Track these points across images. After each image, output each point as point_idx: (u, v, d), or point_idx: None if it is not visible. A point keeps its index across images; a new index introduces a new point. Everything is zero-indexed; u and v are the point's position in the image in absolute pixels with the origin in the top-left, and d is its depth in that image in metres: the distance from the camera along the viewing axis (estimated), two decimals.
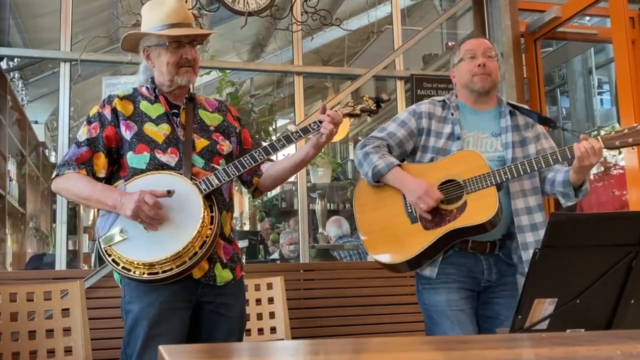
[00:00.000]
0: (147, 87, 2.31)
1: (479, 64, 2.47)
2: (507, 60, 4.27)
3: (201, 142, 2.26)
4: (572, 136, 6.01)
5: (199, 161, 2.23)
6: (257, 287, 3.43)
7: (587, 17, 5.54)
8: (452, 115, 2.51)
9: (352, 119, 2.43)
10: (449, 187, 2.39)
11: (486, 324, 2.45)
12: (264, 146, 2.23)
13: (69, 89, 3.78)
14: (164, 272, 2.05)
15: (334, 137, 2.23)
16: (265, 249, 6.29)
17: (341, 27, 4.25)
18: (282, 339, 3.34)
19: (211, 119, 2.36)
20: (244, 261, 3.02)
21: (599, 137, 2.24)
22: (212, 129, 2.33)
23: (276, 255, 6.04)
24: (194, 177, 2.17)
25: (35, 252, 6.26)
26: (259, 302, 3.42)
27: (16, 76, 5.66)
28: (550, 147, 2.51)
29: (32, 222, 6.28)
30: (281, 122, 8.08)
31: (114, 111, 2.22)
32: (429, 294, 2.46)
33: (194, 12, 3.80)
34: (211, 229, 2.12)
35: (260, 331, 3.38)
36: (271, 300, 3.44)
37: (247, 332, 3.25)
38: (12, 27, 4.57)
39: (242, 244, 4.98)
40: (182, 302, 2.14)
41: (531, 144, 2.49)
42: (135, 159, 2.18)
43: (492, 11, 4.47)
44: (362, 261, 4.97)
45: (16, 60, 5.28)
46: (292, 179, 3.79)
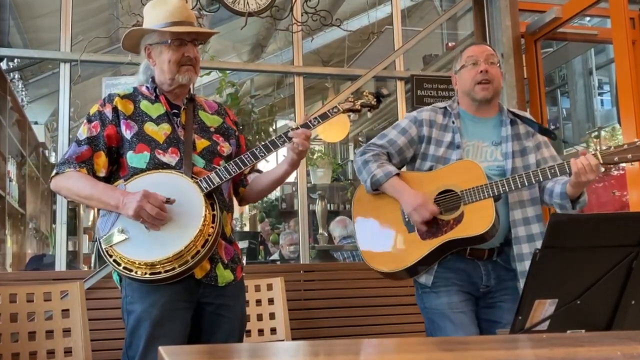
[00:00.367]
0: (147, 87, 2.31)
1: (481, 70, 2.46)
2: (507, 60, 4.27)
3: (202, 143, 2.26)
4: (572, 146, 6.01)
5: (200, 161, 2.22)
6: (257, 288, 3.43)
7: (588, 18, 5.54)
8: (453, 123, 2.50)
9: (353, 117, 2.44)
10: (446, 197, 2.38)
11: (489, 328, 2.44)
12: (264, 143, 2.22)
13: (69, 90, 3.77)
14: (166, 271, 2.04)
15: (331, 139, 2.24)
16: (265, 250, 6.29)
17: (341, 27, 4.25)
18: (282, 340, 3.34)
19: (211, 120, 2.35)
20: (244, 262, 3.02)
21: (597, 153, 2.21)
22: (212, 130, 2.32)
23: (276, 256, 6.04)
24: (194, 176, 2.16)
25: (35, 252, 6.26)
26: (259, 302, 3.42)
27: (16, 77, 5.66)
28: (550, 156, 2.50)
29: (32, 223, 6.28)
30: (281, 123, 8.08)
31: (114, 110, 2.21)
32: (429, 298, 2.46)
33: (194, 13, 3.80)
34: (213, 227, 2.11)
35: (260, 332, 3.38)
36: (271, 301, 3.44)
37: (247, 332, 3.25)
38: (12, 27, 4.56)
39: (242, 244, 4.98)
40: (183, 303, 2.13)
41: (531, 153, 2.48)
42: (135, 159, 2.17)
43: (492, 12, 4.47)
44: (362, 262, 4.97)
45: (16, 60, 5.28)
46: (292, 180, 3.80)
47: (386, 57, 4.31)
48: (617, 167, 4.67)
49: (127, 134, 2.19)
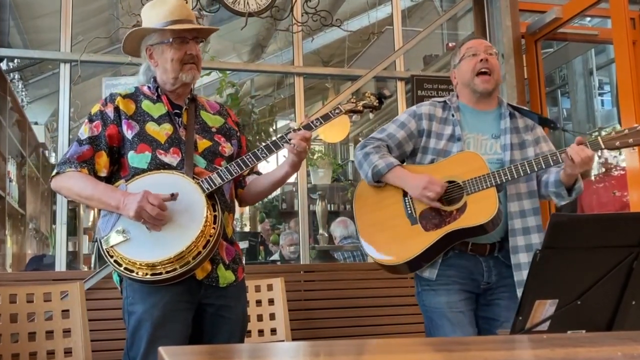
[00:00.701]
0: (149, 87, 2.30)
1: (481, 59, 2.48)
2: (507, 61, 4.27)
3: (203, 143, 2.25)
4: (573, 137, 6.01)
5: (201, 162, 2.22)
6: (258, 289, 3.43)
7: (588, 18, 5.54)
8: (453, 116, 2.51)
9: (354, 117, 2.44)
10: (449, 188, 2.38)
11: (486, 326, 2.45)
12: (266, 144, 2.22)
13: (69, 90, 3.77)
14: (167, 272, 2.03)
15: (332, 139, 2.24)
16: (265, 250, 6.29)
17: (341, 27, 4.25)
18: (283, 341, 3.34)
19: (213, 120, 2.35)
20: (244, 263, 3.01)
21: (599, 139, 2.23)
22: (214, 130, 2.32)
23: (276, 256, 6.04)
24: (196, 176, 2.15)
25: (35, 253, 6.26)
26: (259, 303, 3.41)
27: (16, 77, 5.66)
28: (549, 150, 2.50)
29: (32, 223, 6.28)
30: (282, 123, 8.08)
31: (116, 110, 2.20)
32: (428, 296, 2.46)
33: (194, 13, 3.80)
34: (214, 228, 2.11)
35: (260, 332, 3.38)
36: (271, 301, 3.43)
37: (248, 333, 3.24)
38: (12, 27, 4.56)
39: (243, 245, 4.98)
40: (185, 304, 2.12)
41: (530, 147, 2.49)
42: (136, 159, 2.16)
43: (492, 12, 4.47)
44: (363, 262, 4.97)
45: (16, 61, 5.28)
46: (292, 180, 3.79)
47: (386, 57, 4.31)
48: (618, 168, 4.67)
49: (129, 134, 2.18)
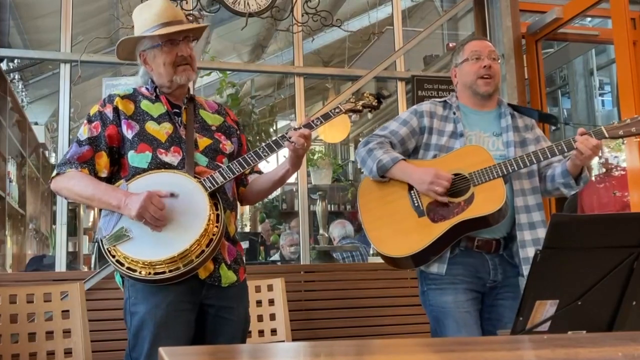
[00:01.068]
0: (147, 88, 2.30)
1: (485, 65, 2.49)
2: (508, 61, 4.26)
3: (204, 141, 2.25)
4: (574, 129, 6.01)
5: (203, 160, 2.21)
6: (258, 289, 3.42)
7: (588, 18, 5.54)
8: (455, 114, 2.53)
9: (353, 118, 2.45)
10: (455, 181, 2.39)
11: (489, 327, 2.45)
12: (268, 143, 2.22)
13: (69, 90, 3.77)
14: (171, 271, 2.02)
15: (332, 140, 2.25)
16: (265, 251, 6.29)
17: (342, 28, 4.24)
18: (283, 341, 3.33)
19: (212, 119, 2.35)
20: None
21: (602, 128, 2.28)
22: (213, 128, 2.32)
23: (277, 256, 6.04)
24: (197, 175, 2.15)
25: (35, 253, 6.26)
26: (259, 303, 3.41)
27: (16, 77, 5.66)
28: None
29: (32, 224, 6.28)
30: (282, 124, 8.08)
31: (115, 110, 2.20)
32: (435, 295, 2.44)
33: (195, 13, 3.80)
34: (217, 227, 2.10)
35: (260, 333, 3.37)
36: (272, 302, 3.43)
37: (248, 333, 3.24)
38: (12, 28, 4.56)
39: (243, 245, 4.97)
40: (187, 304, 2.11)
41: (531, 145, 2.51)
42: (136, 158, 2.15)
43: (493, 12, 4.47)
44: (363, 262, 4.96)
45: (16, 61, 5.28)
46: (292, 180, 3.79)
47: (387, 57, 4.31)
48: (618, 168, 4.66)
49: (129, 134, 2.18)
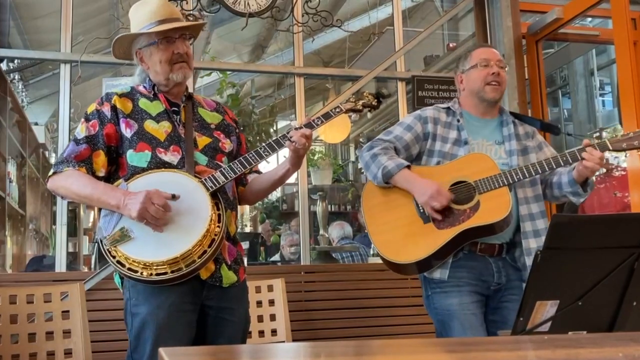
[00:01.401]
0: (144, 86, 2.28)
1: (493, 72, 2.51)
2: (508, 61, 4.26)
3: (203, 140, 2.24)
4: (575, 139, 6.01)
5: (202, 159, 2.20)
6: (258, 289, 3.42)
7: (589, 19, 5.54)
8: (459, 121, 2.54)
9: (353, 118, 2.46)
10: (459, 188, 2.40)
11: (494, 329, 2.44)
12: (269, 142, 2.20)
13: (69, 91, 3.77)
14: (173, 272, 2.00)
15: (332, 140, 2.25)
16: (266, 251, 6.29)
17: (342, 28, 4.24)
18: (283, 341, 3.33)
19: (211, 117, 2.34)
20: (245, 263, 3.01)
21: (606, 141, 2.30)
22: (212, 126, 2.31)
23: (277, 257, 6.03)
24: (197, 175, 2.13)
25: (35, 254, 6.26)
26: (259, 304, 3.41)
27: (16, 77, 5.66)
28: (552, 154, 2.53)
29: (32, 224, 6.28)
30: (282, 124, 8.09)
31: (113, 109, 2.18)
32: (439, 298, 2.44)
33: (195, 13, 3.80)
34: (219, 227, 2.08)
35: (261, 333, 3.37)
36: (272, 302, 3.43)
37: (248, 334, 3.24)
38: (12, 28, 4.56)
39: (243, 245, 4.97)
40: (189, 305, 2.10)
41: (532, 152, 2.54)
42: (135, 157, 2.13)
43: (493, 12, 4.47)
44: (363, 263, 4.96)
45: (16, 61, 5.27)
46: (293, 181, 3.79)
47: (387, 57, 4.30)
48: (619, 169, 4.66)
49: (127, 133, 2.16)
